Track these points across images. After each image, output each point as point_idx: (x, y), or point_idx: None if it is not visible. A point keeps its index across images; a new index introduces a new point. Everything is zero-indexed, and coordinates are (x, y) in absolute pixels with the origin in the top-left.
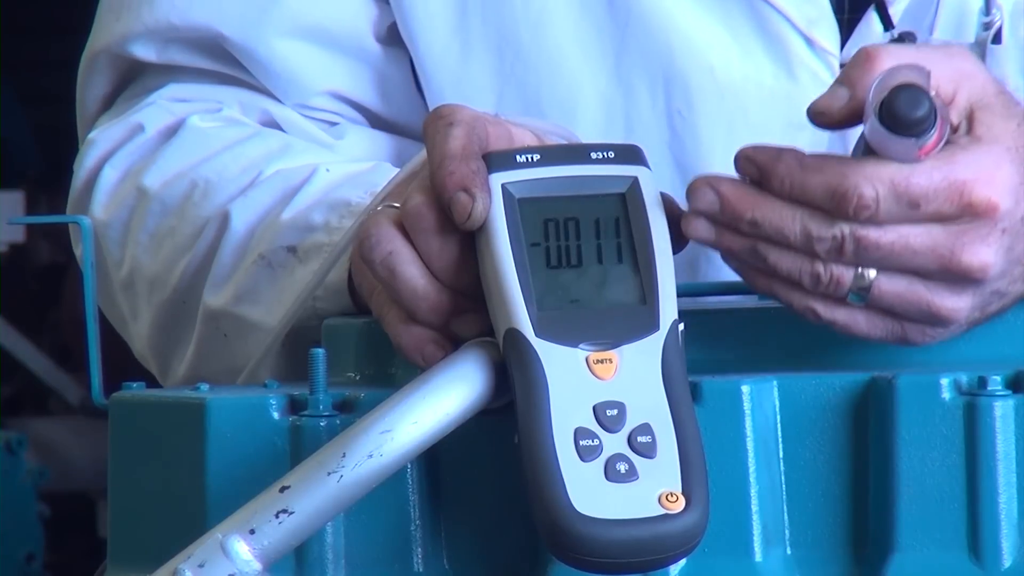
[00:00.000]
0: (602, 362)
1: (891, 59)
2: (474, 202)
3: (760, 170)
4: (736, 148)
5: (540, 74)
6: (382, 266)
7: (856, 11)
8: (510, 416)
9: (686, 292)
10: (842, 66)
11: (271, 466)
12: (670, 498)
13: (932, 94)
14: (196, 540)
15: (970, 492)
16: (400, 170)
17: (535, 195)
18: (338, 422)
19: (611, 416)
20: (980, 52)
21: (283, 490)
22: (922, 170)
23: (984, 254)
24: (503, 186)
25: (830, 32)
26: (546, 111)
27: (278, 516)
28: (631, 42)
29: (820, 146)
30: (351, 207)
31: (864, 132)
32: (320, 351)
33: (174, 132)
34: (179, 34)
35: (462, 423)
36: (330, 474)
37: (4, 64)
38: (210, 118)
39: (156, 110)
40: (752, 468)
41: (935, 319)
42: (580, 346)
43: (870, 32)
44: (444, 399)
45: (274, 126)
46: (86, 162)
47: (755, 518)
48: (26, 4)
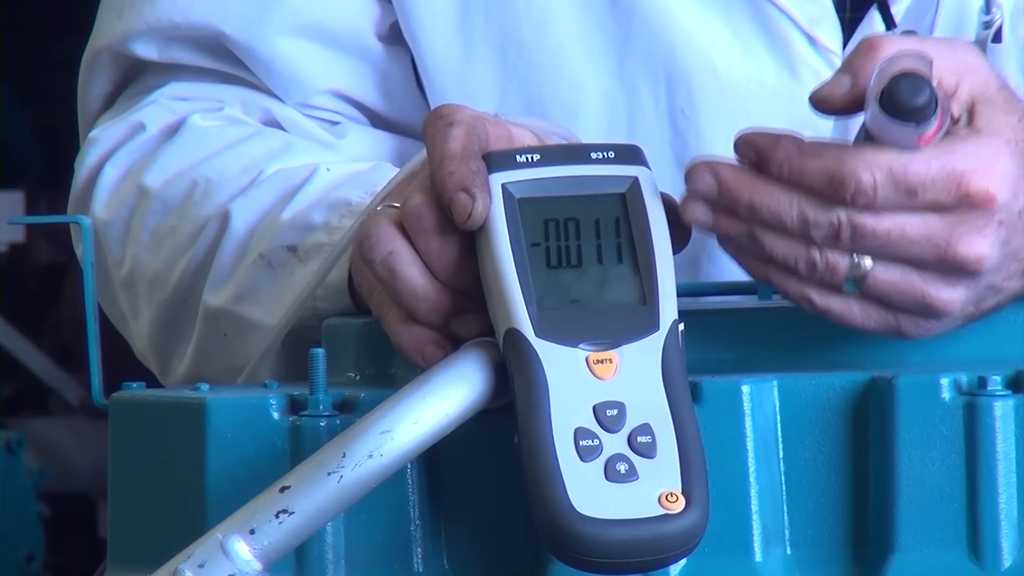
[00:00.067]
0: (602, 362)
1: (894, 48)
2: (474, 202)
3: (759, 154)
4: None
5: (543, 73)
6: (382, 266)
7: (858, 10)
8: (510, 416)
9: (686, 292)
10: None
11: (271, 466)
12: (670, 498)
13: (934, 84)
14: (196, 540)
15: (970, 492)
16: (400, 170)
17: (535, 195)
18: (338, 422)
19: (611, 416)
20: (980, 51)
21: (283, 490)
22: (921, 158)
23: (980, 245)
24: (503, 186)
25: (832, 31)
26: (548, 110)
27: (278, 516)
28: (634, 41)
29: None
30: (351, 207)
31: (865, 119)
32: (320, 351)
33: (175, 131)
34: (181, 32)
35: (462, 423)
36: (330, 474)
37: (4, 64)
38: (211, 117)
39: (157, 109)
40: (752, 468)
41: (929, 310)
42: (580, 346)
43: (872, 31)
44: (444, 399)
45: (275, 125)
46: (87, 160)
47: (755, 518)
48: (26, 4)
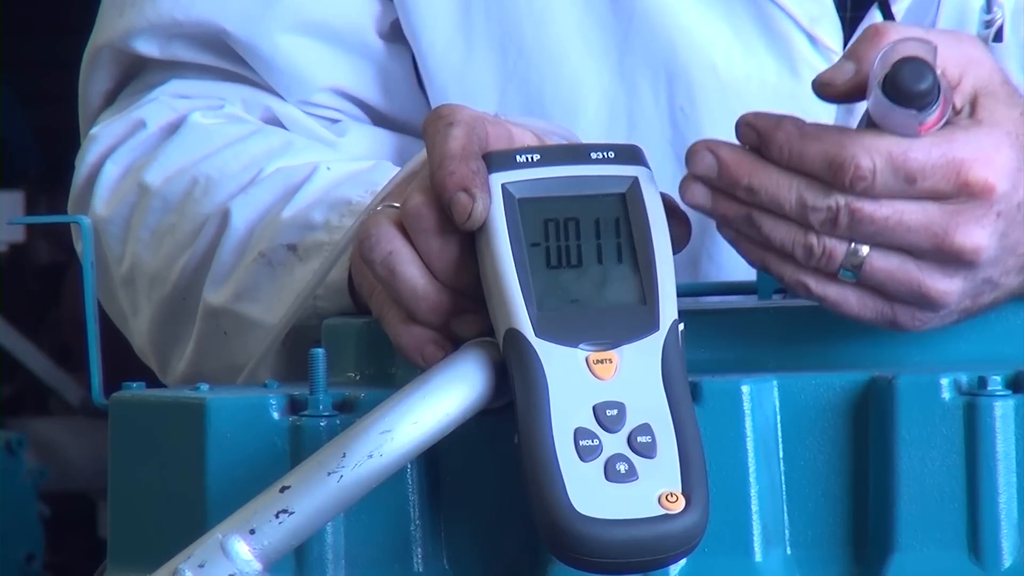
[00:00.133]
0: (602, 362)
1: (899, 35)
2: (474, 202)
3: (760, 136)
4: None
5: (543, 71)
6: (382, 266)
7: (859, 9)
8: (510, 416)
9: (686, 292)
10: None
11: (271, 466)
12: (670, 498)
13: (938, 72)
14: (196, 540)
15: (970, 492)
16: (400, 170)
17: (535, 195)
18: (338, 422)
19: (611, 416)
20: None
21: (283, 490)
22: (921, 145)
23: (978, 236)
24: (503, 186)
25: (833, 30)
26: (549, 108)
27: (278, 516)
28: (634, 39)
29: None
30: (351, 206)
31: (867, 105)
32: (320, 351)
33: (176, 128)
34: (182, 30)
35: (462, 423)
36: (330, 474)
37: (4, 64)
38: (212, 115)
39: (158, 106)
40: (752, 468)
41: (925, 301)
42: (580, 346)
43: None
44: (444, 399)
45: (276, 123)
46: (88, 158)
47: (755, 518)
48: (26, 4)
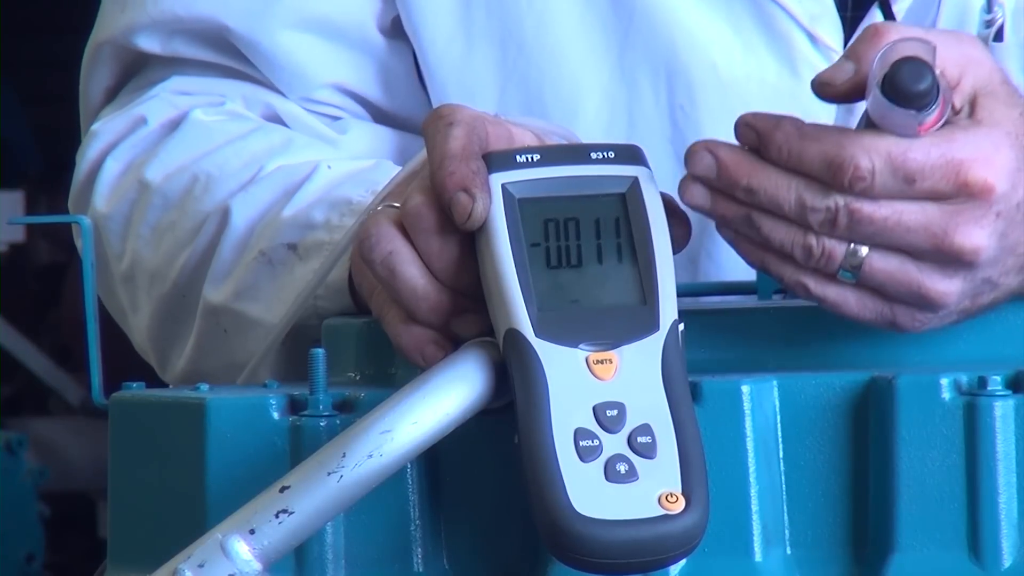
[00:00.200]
0: (602, 362)
1: (898, 35)
2: (474, 202)
3: (759, 137)
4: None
5: (543, 69)
6: (382, 266)
7: (859, 8)
8: (510, 416)
9: (686, 292)
10: None
11: (271, 466)
12: (670, 498)
13: (937, 72)
14: (196, 540)
15: (970, 492)
16: (400, 170)
17: (535, 195)
18: (338, 422)
19: (611, 416)
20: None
21: (283, 490)
22: (920, 146)
23: (977, 236)
24: (503, 186)
25: (833, 29)
26: (549, 106)
27: (278, 516)
28: (634, 37)
29: None
30: (352, 205)
31: (867, 105)
32: (320, 351)
33: (177, 125)
34: (184, 26)
35: (462, 423)
36: (330, 474)
37: (4, 64)
38: (213, 112)
39: (159, 103)
40: (752, 468)
41: (925, 302)
42: (580, 346)
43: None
44: (444, 399)
45: (277, 120)
46: (88, 154)
47: (755, 518)
48: (26, 4)
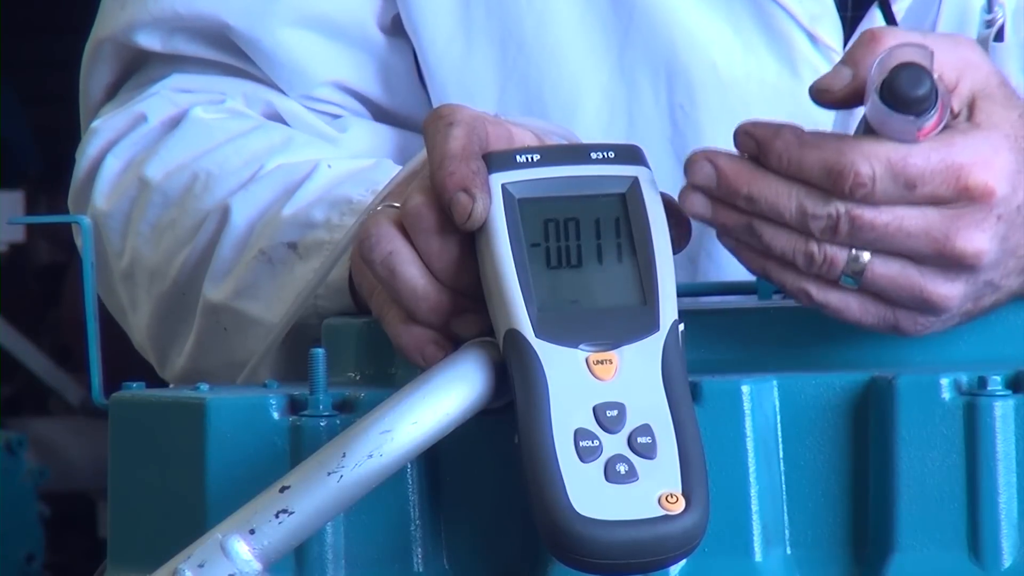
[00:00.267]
0: (602, 363)
1: (895, 40)
2: (474, 202)
3: (759, 145)
4: None
5: (543, 68)
6: (382, 266)
7: (859, 8)
8: (510, 416)
9: (686, 292)
10: None
11: (271, 466)
12: (670, 499)
13: (934, 73)
14: (196, 540)
15: (970, 492)
16: (401, 169)
17: (535, 195)
18: (338, 422)
19: (611, 417)
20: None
21: (283, 490)
22: (920, 151)
23: (978, 240)
24: (503, 186)
25: (833, 29)
26: (548, 105)
27: (278, 516)
28: (634, 36)
29: None
30: (352, 205)
31: (865, 111)
32: (320, 351)
33: (177, 123)
34: (184, 23)
35: (462, 423)
36: (330, 474)
37: (4, 64)
38: (213, 109)
39: (159, 100)
40: (752, 468)
41: (927, 306)
42: (580, 346)
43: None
44: (444, 399)
45: (277, 118)
46: (89, 151)
47: (755, 518)
48: (26, 4)
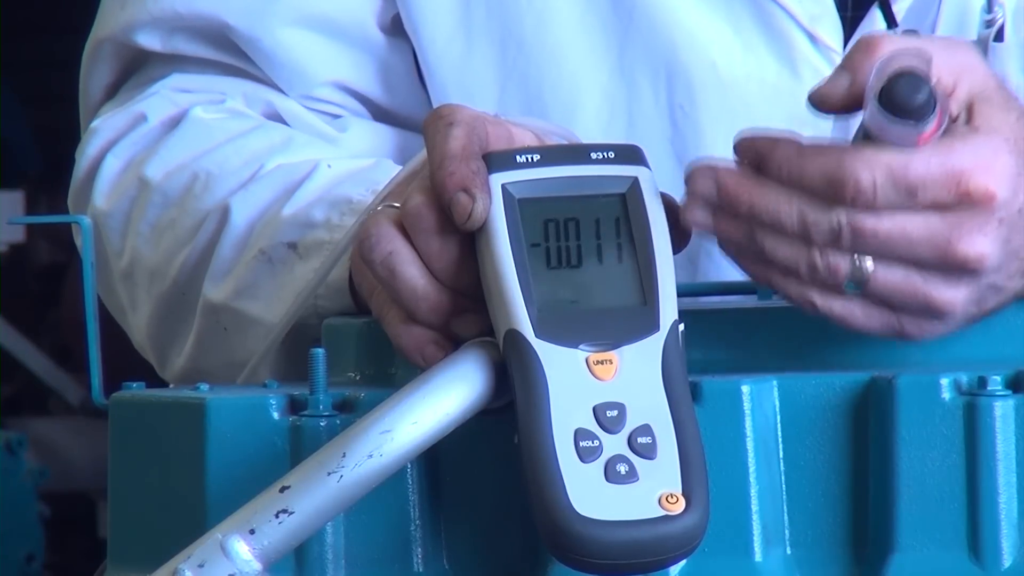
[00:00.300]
0: (602, 363)
1: (892, 46)
2: (474, 202)
3: (758, 156)
4: None
5: (542, 67)
6: (382, 266)
7: (860, 8)
8: (510, 416)
9: (686, 292)
10: None
11: (271, 466)
12: (670, 499)
13: (932, 79)
14: (196, 540)
15: (970, 492)
16: (401, 169)
17: (535, 195)
18: (338, 422)
19: (611, 417)
20: (982, 50)
21: (283, 490)
22: (920, 157)
23: (981, 244)
24: (503, 186)
25: (833, 29)
26: (548, 105)
27: (278, 516)
28: (634, 36)
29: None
30: (352, 204)
31: (864, 118)
32: (320, 351)
33: (177, 123)
34: (184, 23)
35: (462, 423)
36: (330, 474)
37: (4, 64)
38: (213, 109)
39: (159, 100)
40: (752, 468)
41: (931, 311)
42: (580, 347)
43: (873, 29)
44: (444, 399)
45: (277, 118)
46: (88, 151)
47: (755, 518)
48: (26, 4)
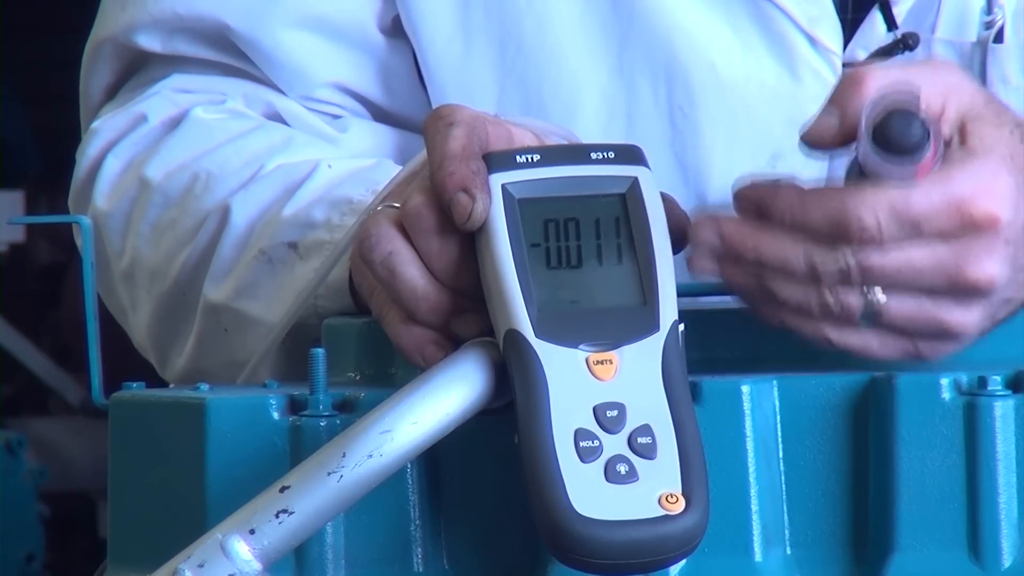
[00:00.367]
0: (602, 363)
1: (878, 80)
2: (474, 203)
3: (759, 207)
4: (737, 146)
5: (542, 69)
6: (382, 266)
7: (859, 11)
8: (510, 416)
9: (686, 292)
10: (845, 65)
11: (271, 466)
12: (670, 499)
13: (923, 112)
14: (196, 540)
15: (970, 492)
16: (401, 170)
17: (535, 195)
18: (338, 422)
19: (611, 417)
20: (982, 51)
21: (283, 490)
22: (920, 191)
23: (990, 267)
24: (503, 186)
25: (833, 31)
26: (547, 106)
27: (278, 516)
28: (633, 37)
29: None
30: (352, 205)
31: (858, 156)
32: (320, 351)
33: (177, 123)
34: (184, 24)
35: (462, 423)
36: (330, 474)
37: (4, 64)
38: (213, 110)
39: (160, 100)
40: (752, 468)
41: (947, 334)
42: (580, 347)
43: (873, 32)
44: (444, 399)
45: (277, 118)
46: (89, 151)
47: (755, 518)
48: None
